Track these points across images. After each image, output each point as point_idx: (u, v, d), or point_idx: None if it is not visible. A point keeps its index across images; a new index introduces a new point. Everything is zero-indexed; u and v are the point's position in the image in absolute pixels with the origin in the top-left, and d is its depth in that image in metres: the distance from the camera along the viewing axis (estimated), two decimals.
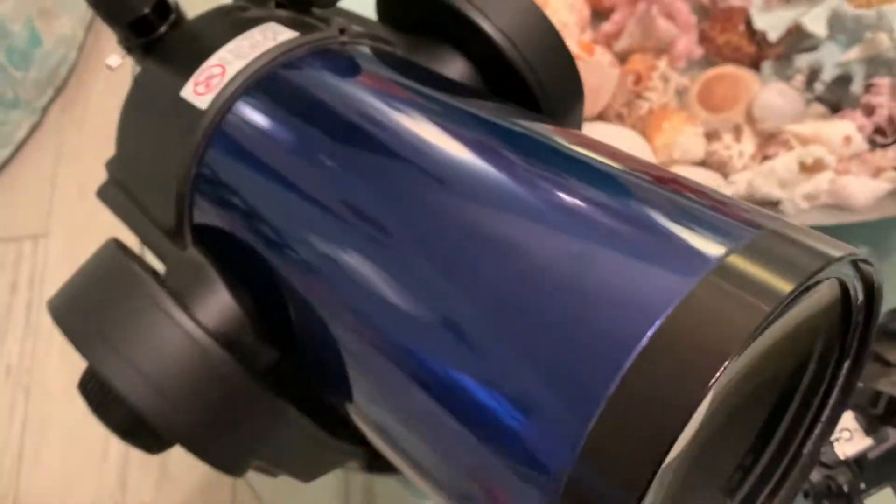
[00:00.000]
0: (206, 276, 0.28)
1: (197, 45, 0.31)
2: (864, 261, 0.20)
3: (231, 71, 0.28)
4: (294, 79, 0.29)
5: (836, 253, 0.18)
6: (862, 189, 0.47)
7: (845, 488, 0.36)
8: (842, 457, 0.36)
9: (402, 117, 0.26)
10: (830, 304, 0.22)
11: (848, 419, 0.37)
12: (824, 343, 0.24)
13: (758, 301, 0.17)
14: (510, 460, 0.19)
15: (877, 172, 0.49)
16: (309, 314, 0.27)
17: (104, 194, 0.34)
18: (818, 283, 0.19)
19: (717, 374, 0.16)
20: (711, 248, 0.19)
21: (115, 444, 0.98)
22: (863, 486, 0.37)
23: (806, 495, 0.38)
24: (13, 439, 1.01)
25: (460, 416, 0.21)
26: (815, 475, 0.37)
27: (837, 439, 0.36)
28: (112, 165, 0.34)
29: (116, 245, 0.28)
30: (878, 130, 0.50)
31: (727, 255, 0.18)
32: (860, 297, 0.22)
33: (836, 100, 0.52)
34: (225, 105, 0.28)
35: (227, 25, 0.31)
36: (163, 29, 0.32)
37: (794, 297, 0.18)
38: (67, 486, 0.98)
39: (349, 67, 0.29)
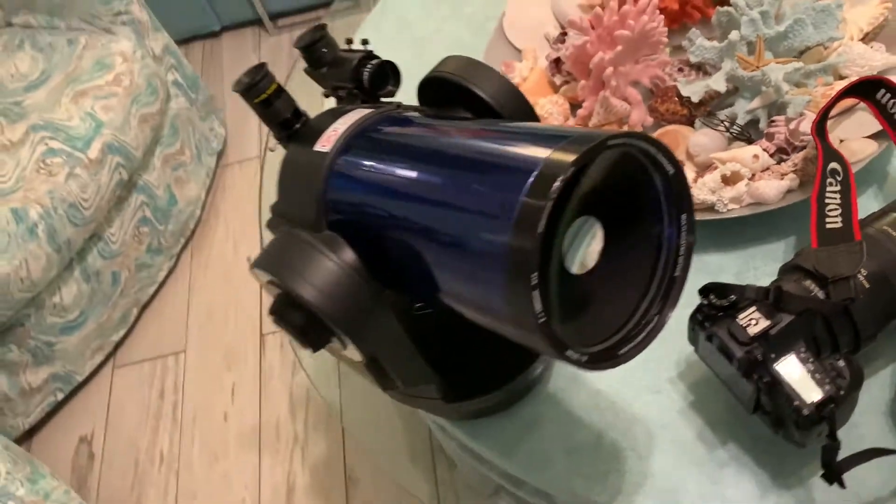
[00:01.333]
0: (339, 242, 0.50)
1: (320, 126, 0.55)
2: (657, 144, 0.41)
3: (340, 131, 0.52)
4: (373, 131, 0.52)
5: (622, 132, 0.40)
6: (770, 188, 0.67)
7: (760, 357, 0.54)
8: (752, 335, 0.54)
9: (430, 133, 0.50)
10: (640, 169, 0.42)
11: (752, 311, 0.55)
12: (667, 209, 0.44)
13: (577, 152, 0.38)
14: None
15: (782, 176, 0.69)
16: (397, 249, 0.48)
17: (270, 224, 0.57)
18: (619, 146, 0.40)
19: (566, 171, 0.37)
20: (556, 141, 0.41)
21: None
22: (773, 356, 0.54)
23: (738, 368, 0.55)
24: None
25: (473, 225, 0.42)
26: (738, 351, 0.54)
27: (748, 325, 0.54)
28: (274, 206, 0.57)
29: (291, 229, 0.51)
30: (782, 150, 0.71)
31: (564, 141, 0.40)
32: (670, 169, 0.42)
33: (748, 136, 0.73)
34: (339, 148, 0.52)
35: (336, 115, 0.55)
36: (297, 125, 0.57)
37: (603, 151, 0.39)
38: None
39: (402, 120, 0.53)
